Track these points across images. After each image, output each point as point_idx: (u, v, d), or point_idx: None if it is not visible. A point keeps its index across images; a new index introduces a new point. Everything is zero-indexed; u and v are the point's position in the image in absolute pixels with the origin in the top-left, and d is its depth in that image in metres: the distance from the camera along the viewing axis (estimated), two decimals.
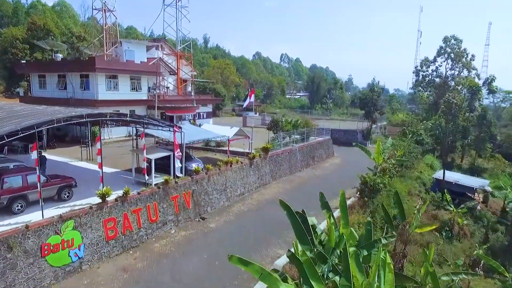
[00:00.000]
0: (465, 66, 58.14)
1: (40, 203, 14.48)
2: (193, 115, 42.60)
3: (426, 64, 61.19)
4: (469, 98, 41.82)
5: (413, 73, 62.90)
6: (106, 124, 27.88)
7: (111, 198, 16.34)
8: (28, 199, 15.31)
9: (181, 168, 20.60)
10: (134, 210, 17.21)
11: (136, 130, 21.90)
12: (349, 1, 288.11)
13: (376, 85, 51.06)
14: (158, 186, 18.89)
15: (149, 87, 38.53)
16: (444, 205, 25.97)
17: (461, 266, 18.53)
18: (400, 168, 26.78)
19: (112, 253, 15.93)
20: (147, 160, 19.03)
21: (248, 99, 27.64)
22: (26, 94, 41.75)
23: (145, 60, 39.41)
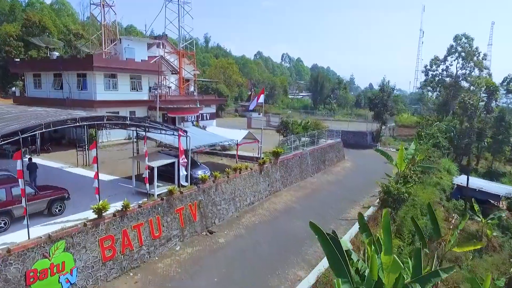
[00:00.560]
0: (476, 65, 56.11)
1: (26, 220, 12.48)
2: (196, 117, 40.60)
3: (436, 63, 59.17)
4: (486, 99, 39.74)
5: (422, 72, 60.93)
6: (105, 126, 25.90)
7: (109, 212, 14.35)
8: (13, 215, 13.32)
9: (186, 176, 18.64)
10: (134, 225, 15.22)
11: (137, 133, 19.92)
12: (349, 1, 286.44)
13: (387, 85, 48.98)
14: (161, 197, 16.89)
15: (150, 86, 36.50)
16: (471, 215, 23.95)
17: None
18: (421, 175, 24.80)
19: (109, 276, 13.93)
20: (149, 168, 17.02)
21: (256, 100, 25.56)
22: (22, 94, 39.75)
23: (146, 58, 37.39)
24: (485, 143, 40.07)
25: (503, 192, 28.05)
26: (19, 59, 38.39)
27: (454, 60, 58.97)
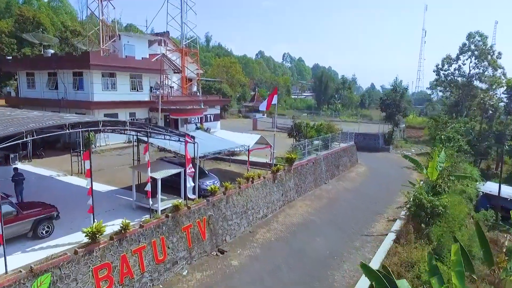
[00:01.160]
0: (491, 64, 53.79)
1: (3, 249, 10.19)
2: (200, 118, 38.32)
3: (449, 62, 56.87)
4: (506, 99, 37.47)
5: (434, 71, 58.53)
6: (103, 130, 23.64)
7: (106, 233, 12.09)
8: None
9: (193, 187, 16.36)
10: (135, 249, 12.94)
11: (137, 138, 17.64)
12: (349, 1, 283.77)
13: (399, 84, 46.69)
14: (166, 214, 14.60)
15: (151, 86, 34.22)
16: (507, 229, 21.69)
17: None
18: (451, 184, 22.55)
19: None
20: (152, 179, 14.73)
21: (269, 101, 23.32)
22: (17, 95, 37.42)
23: (147, 56, 35.10)
24: (506, 146, 37.77)
25: None
26: (11, 57, 36.04)
27: (467, 59, 56.71)
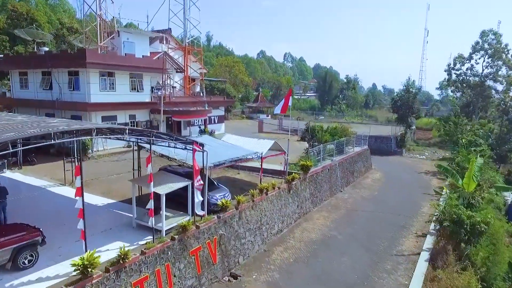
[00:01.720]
0: (505, 63, 51.72)
1: None
2: (204, 120, 36.21)
3: (461, 61, 54.77)
4: None
5: (445, 71, 56.43)
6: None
7: (101, 260, 9.97)
8: None
9: (202, 202, 14.20)
10: (136, 282, 10.80)
11: (138, 144, 15.50)
12: (349, 0, 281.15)
13: (412, 85, 44.58)
14: (171, 236, 12.46)
15: (152, 86, 32.04)
16: None
17: None
18: (485, 195, 20.42)
19: None
20: (155, 195, 12.55)
21: (284, 103, 21.28)
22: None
23: (148, 54, 32.91)
24: None
25: None
26: (2, 55, 33.89)
27: (480, 58, 54.63)
